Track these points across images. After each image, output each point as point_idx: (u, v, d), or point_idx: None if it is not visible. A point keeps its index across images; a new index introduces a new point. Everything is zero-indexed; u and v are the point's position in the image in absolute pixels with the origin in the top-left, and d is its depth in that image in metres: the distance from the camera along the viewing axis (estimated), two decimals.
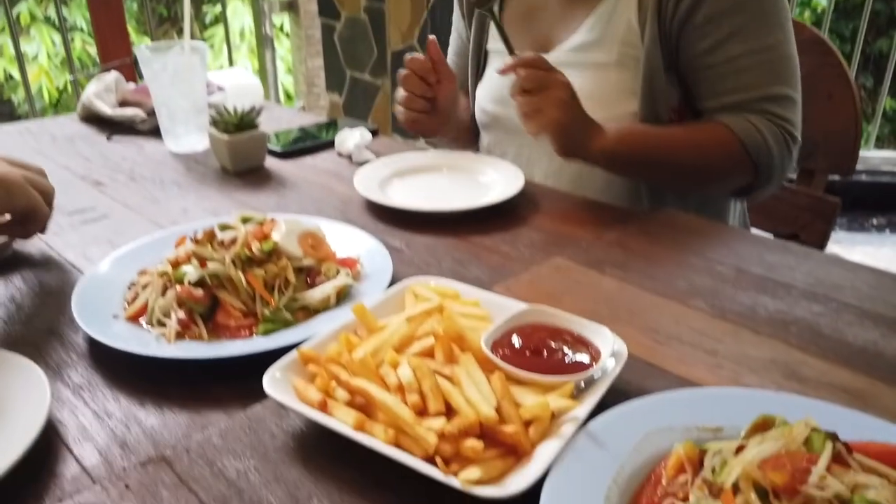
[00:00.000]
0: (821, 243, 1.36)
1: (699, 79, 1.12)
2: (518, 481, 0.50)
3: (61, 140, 1.45)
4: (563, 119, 1.01)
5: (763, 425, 0.52)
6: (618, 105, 1.15)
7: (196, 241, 0.79)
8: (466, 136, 1.44)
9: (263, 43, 3.96)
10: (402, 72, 1.20)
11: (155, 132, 1.42)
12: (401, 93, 1.22)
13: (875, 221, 3.43)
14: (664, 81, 1.11)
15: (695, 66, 1.11)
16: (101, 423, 0.63)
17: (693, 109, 1.16)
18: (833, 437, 0.46)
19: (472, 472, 0.50)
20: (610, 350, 0.63)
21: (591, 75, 1.16)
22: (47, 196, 0.90)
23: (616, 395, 0.60)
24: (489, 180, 1.17)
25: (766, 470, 0.43)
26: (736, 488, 0.44)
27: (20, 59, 2.99)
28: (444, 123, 1.29)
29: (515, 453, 0.54)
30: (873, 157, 3.57)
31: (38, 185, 0.88)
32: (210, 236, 0.80)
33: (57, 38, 5.28)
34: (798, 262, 0.89)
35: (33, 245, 0.97)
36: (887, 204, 3.47)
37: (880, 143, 3.85)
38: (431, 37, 1.22)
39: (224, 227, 0.82)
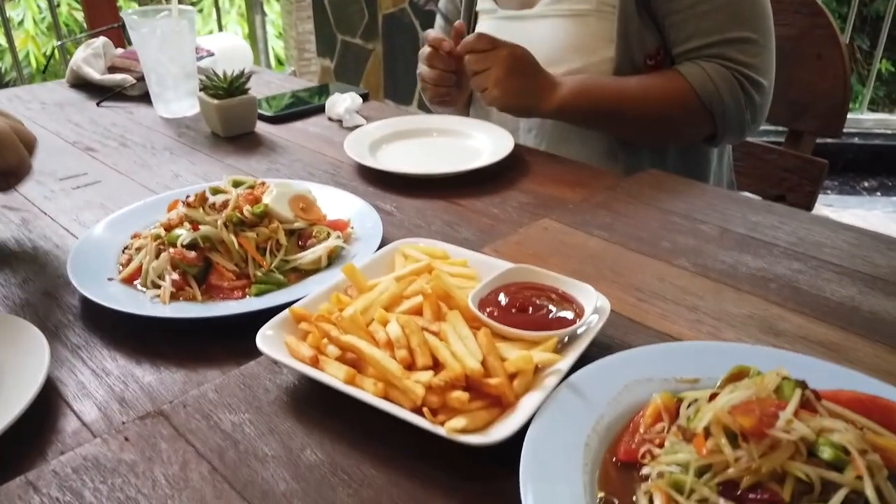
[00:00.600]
0: (808, 205, 1.38)
1: (666, 25, 1.14)
2: (501, 430, 0.52)
3: (51, 106, 1.44)
4: (502, 93, 1.10)
5: (738, 375, 0.54)
6: (596, 52, 1.17)
7: (188, 205, 0.80)
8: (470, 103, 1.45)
9: (253, 7, 3.90)
10: (426, 50, 1.21)
11: (145, 97, 1.42)
12: (426, 70, 1.23)
13: (866, 184, 3.45)
14: (638, 27, 1.13)
15: (663, 11, 1.13)
16: (99, 381, 0.64)
17: (670, 56, 1.18)
18: (802, 384, 0.48)
19: (458, 422, 0.52)
20: (593, 307, 0.65)
21: (570, 24, 1.18)
22: (30, 147, 0.86)
23: (599, 350, 0.63)
24: (479, 144, 1.18)
25: (735, 415, 0.45)
26: (707, 433, 0.46)
27: (6, 25, 2.95)
28: (465, 95, 1.33)
29: (500, 405, 0.56)
30: (866, 119, 3.57)
31: (22, 136, 0.84)
32: (202, 200, 0.81)
33: (43, 3, 5.18)
34: (781, 221, 0.91)
35: (27, 210, 0.98)
36: (879, 167, 3.49)
37: (874, 107, 3.85)
38: (459, 21, 1.23)
39: (216, 191, 0.83)
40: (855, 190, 3.42)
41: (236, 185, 0.85)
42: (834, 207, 3.23)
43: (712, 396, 0.50)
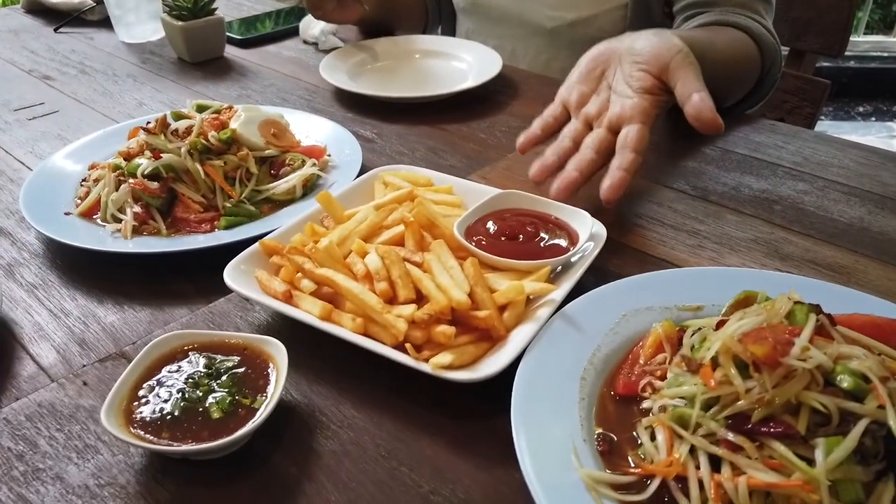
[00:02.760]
0: (807, 128, 1.33)
1: None
2: (491, 365, 0.48)
3: (5, 33, 1.35)
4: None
5: (745, 301, 0.50)
6: None
7: (148, 132, 0.74)
8: (418, 16, 1.33)
9: None
10: None
11: (105, 22, 1.33)
12: None
13: (861, 109, 3.39)
14: None
15: None
16: (58, 322, 0.60)
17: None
18: (816, 309, 0.45)
19: (444, 358, 0.48)
20: (588, 233, 0.60)
21: None
22: None
23: (595, 279, 0.58)
24: (465, 66, 1.11)
25: (746, 343, 0.41)
26: (715, 363, 0.43)
27: None
28: (368, 10, 1.12)
29: (489, 338, 0.52)
30: (863, 42, 3.47)
31: None
32: (163, 125, 0.74)
33: None
34: (785, 141, 0.86)
35: None
36: (874, 91, 3.41)
37: (869, 30, 3.74)
38: None
39: (178, 116, 0.77)
40: (849, 115, 3.35)
41: (200, 109, 0.78)
42: (828, 133, 3.17)
43: (719, 324, 0.46)
